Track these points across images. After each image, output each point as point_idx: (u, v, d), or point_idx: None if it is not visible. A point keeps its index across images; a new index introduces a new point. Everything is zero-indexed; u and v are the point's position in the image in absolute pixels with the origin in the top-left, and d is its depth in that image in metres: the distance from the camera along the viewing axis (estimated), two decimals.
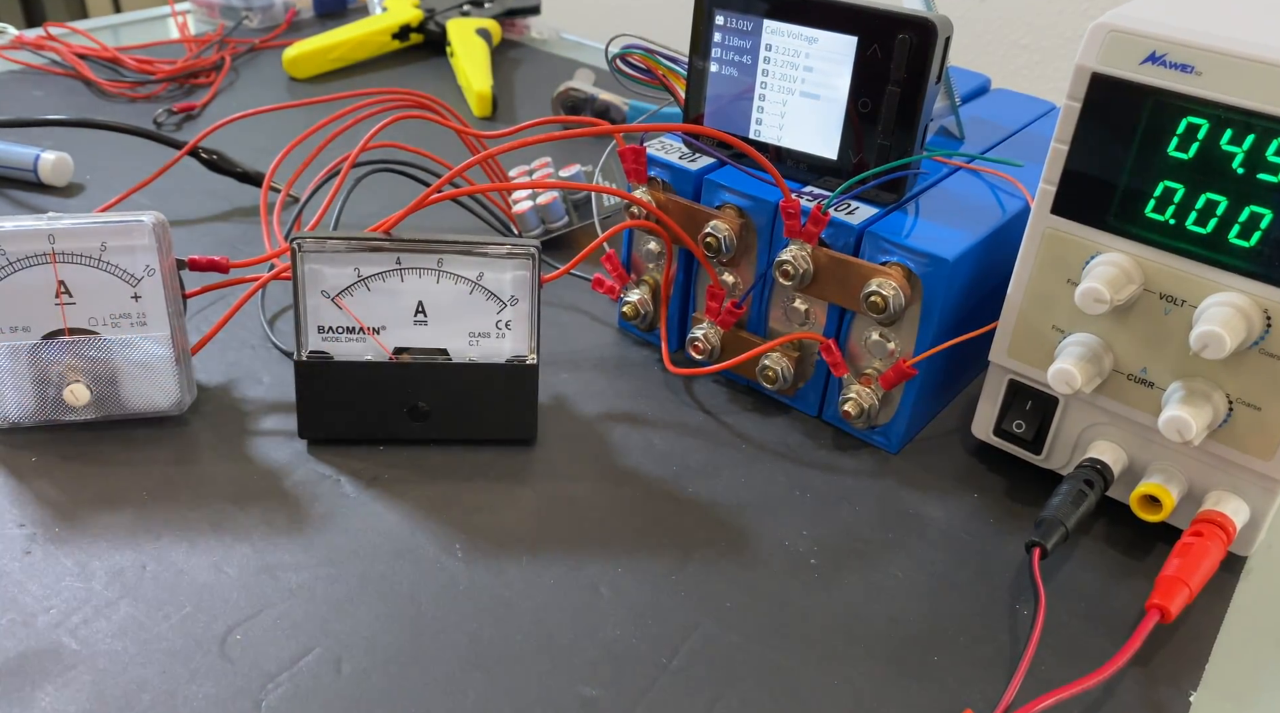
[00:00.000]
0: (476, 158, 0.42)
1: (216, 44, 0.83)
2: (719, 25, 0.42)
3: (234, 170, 0.60)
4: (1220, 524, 0.36)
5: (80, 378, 0.40)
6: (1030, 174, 0.43)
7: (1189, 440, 0.34)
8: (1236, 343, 0.32)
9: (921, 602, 0.36)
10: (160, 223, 0.39)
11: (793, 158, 0.43)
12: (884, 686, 0.33)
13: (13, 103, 0.72)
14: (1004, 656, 0.34)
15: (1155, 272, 0.35)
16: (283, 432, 0.42)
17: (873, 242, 0.40)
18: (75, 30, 0.83)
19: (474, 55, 0.79)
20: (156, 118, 0.70)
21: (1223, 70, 0.31)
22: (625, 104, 0.70)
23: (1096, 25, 0.33)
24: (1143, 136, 0.33)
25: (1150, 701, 0.33)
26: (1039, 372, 0.39)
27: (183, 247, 0.54)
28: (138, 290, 0.39)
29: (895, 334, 0.41)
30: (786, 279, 0.41)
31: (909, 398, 0.42)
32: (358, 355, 0.40)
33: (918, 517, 0.40)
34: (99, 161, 0.63)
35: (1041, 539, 0.36)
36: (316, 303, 0.39)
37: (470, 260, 0.39)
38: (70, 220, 0.38)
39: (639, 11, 1.27)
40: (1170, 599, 0.34)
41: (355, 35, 0.82)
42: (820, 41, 0.40)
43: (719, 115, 0.44)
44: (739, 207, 0.43)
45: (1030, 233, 0.37)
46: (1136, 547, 0.39)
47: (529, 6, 0.91)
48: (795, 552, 0.38)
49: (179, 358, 0.41)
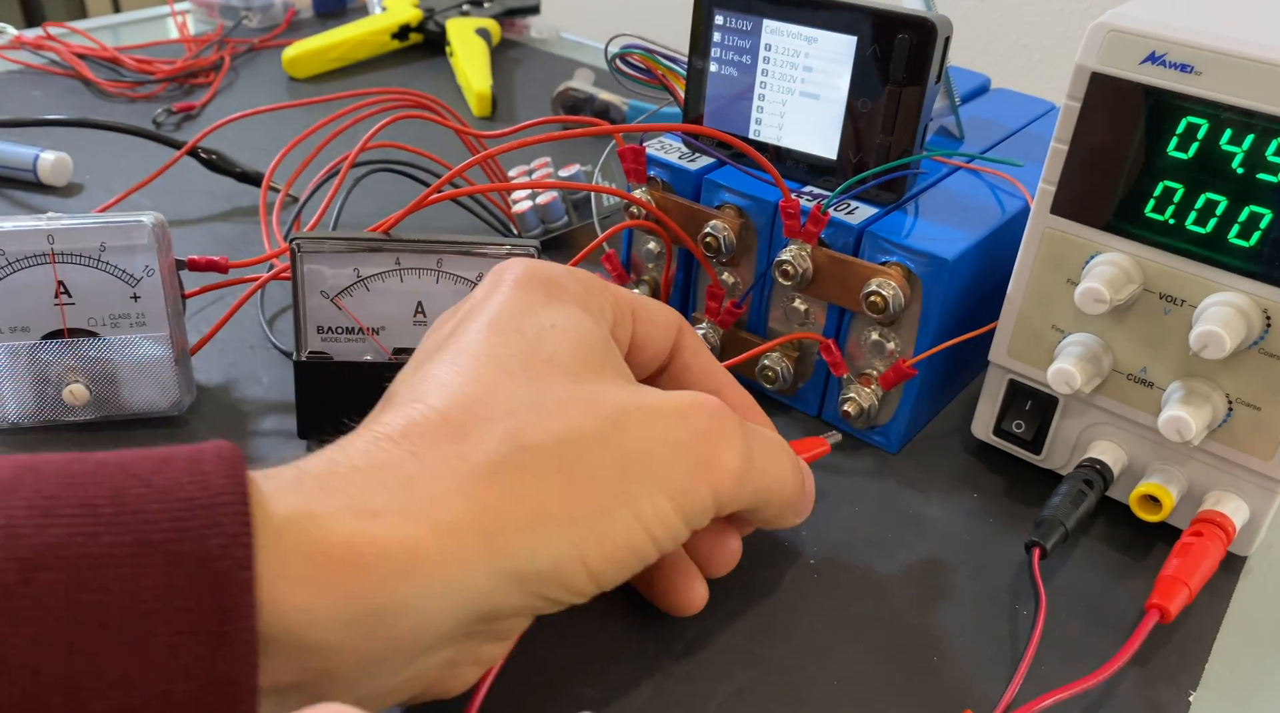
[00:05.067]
0: (476, 158, 0.42)
1: (216, 44, 0.83)
2: (719, 25, 0.42)
3: (233, 170, 0.60)
4: (1220, 524, 0.36)
5: (79, 378, 0.40)
6: (1030, 174, 0.43)
7: (1189, 440, 0.34)
8: (1236, 343, 0.32)
9: (921, 602, 0.36)
10: (160, 223, 0.39)
11: (792, 158, 0.43)
12: (884, 686, 0.33)
13: (12, 103, 0.72)
14: (1004, 656, 0.34)
15: (1155, 272, 0.35)
16: (282, 432, 0.42)
17: (872, 242, 0.40)
18: (74, 30, 0.83)
19: (473, 55, 0.79)
20: (156, 118, 0.69)
21: (1223, 70, 0.31)
22: (625, 104, 0.70)
23: (1096, 25, 0.33)
24: (1142, 136, 0.33)
25: (1150, 701, 0.33)
26: (1039, 372, 0.39)
27: (182, 247, 0.53)
28: (137, 291, 0.39)
29: (895, 334, 0.41)
30: (786, 279, 0.41)
31: (909, 398, 0.42)
32: (357, 356, 0.40)
33: (918, 517, 0.40)
34: (98, 161, 0.63)
35: (1041, 539, 0.36)
36: (316, 303, 0.39)
37: (470, 261, 0.39)
38: (69, 220, 0.38)
39: (639, 11, 1.27)
40: (1170, 599, 0.34)
41: (355, 35, 0.82)
42: (820, 41, 0.40)
43: (718, 115, 0.44)
44: (739, 206, 0.43)
45: (1030, 233, 0.37)
46: (1136, 547, 0.39)
47: (529, 6, 0.91)
48: (794, 552, 0.38)
49: (178, 358, 0.41)
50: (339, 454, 0.26)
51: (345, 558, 0.23)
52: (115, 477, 0.22)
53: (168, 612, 0.21)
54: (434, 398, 0.27)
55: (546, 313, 0.30)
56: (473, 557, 0.25)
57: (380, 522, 0.24)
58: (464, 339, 0.29)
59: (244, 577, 0.22)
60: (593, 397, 0.28)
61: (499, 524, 0.25)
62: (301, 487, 0.24)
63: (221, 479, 0.23)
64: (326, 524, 0.24)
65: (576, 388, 0.28)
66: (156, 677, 0.21)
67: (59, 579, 0.21)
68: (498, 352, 0.28)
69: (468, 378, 0.27)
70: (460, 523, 0.25)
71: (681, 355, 0.34)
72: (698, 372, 0.34)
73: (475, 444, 0.26)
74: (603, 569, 0.27)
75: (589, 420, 0.27)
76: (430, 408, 0.27)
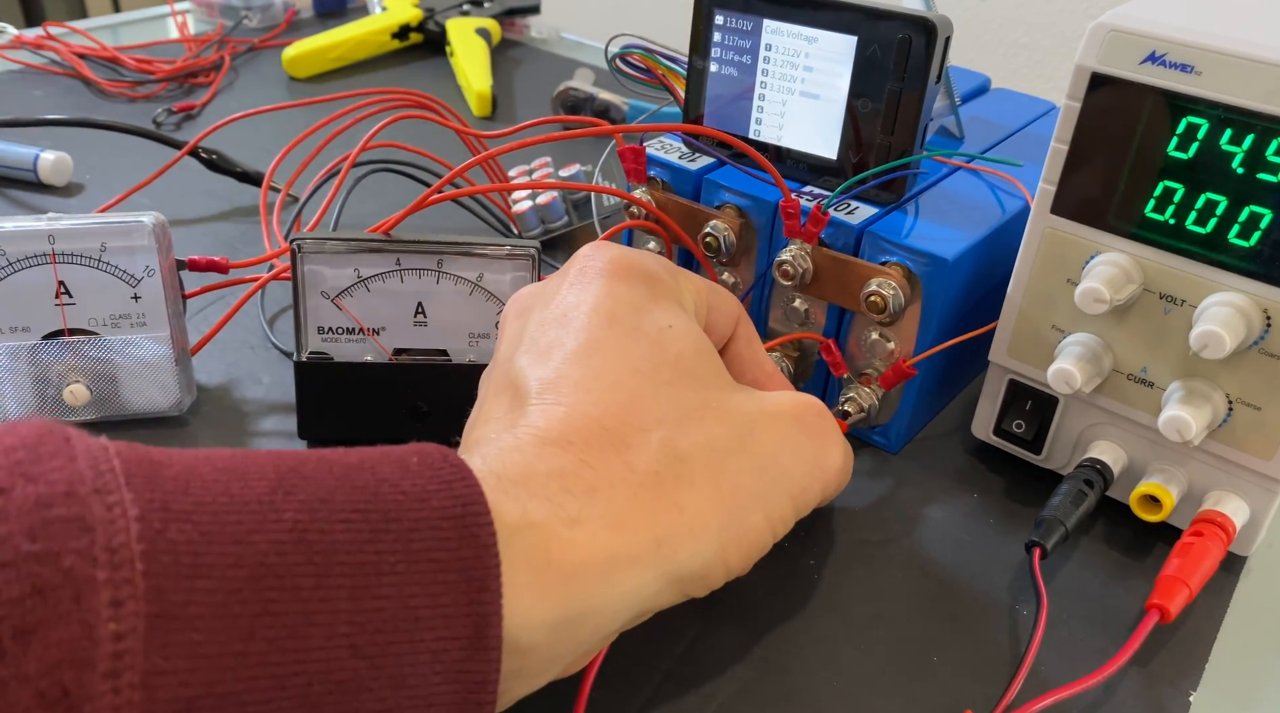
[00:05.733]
0: (476, 158, 0.42)
1: (216, 44, 0.83)
2: (719, 25, 0.42)
3: (234, 170, 0.60)
4: (1220, 524, 0.36)
5: (80, 378, 0.40)
6: (1030, 174, 0.43)
7: (1189, 440, 0.34)
8: (1236, 343, 0.32)
9: (921, 602, 0.36)
10: (160, 223, 0.39)
11: (792, 158, 0.43)
12: (884, 685, 0.33)
13: (12, 103, 0.72)
14: (1004, 656, 0.34)
15: (1155, 271, 0.35)
16: (282, 432, 0.42)
17: (872, 241, 0.40)
18: (75, 30, 0.83)
19: (474, 55, 0.79)
20: (156, 118, 0.70)
21: (1223, 70, 0.31)
22: (625, 104, 0.70)
23: (1096, 25, 0.33)
24: (1142, 136, 0.33)
25: (1150, 701, 0.33)
26: (1039, 372, 0.39)
27: (182, 247, 0.54)
28: (137, 291, 0.39)
29: (895, 334, 0.41)
30: (786, 279, 0.41)
31: (909, 398, 0.42)
32: (357, 356, 0.40)
33: (918, 517, 0.40)
34: (99, 161, 0.63)
35: (1041, 539, 0.36)
36: (316, 304, 0.39)
37: (470, 261, 0.39)
38: (70, 221, 0.38)
39: (639, 11, 1.27)
40: (1170, 599, 0.34)
41: (355, 35, 0.82)
42: (820, 41, 0.40)
43: (719, 115, 0.44)
44: (739, 206, 0.43)
45: (1030, 233, 0.37)
46: (1136, 547, 0.39)
47: (529, 6, 0.91)
48: (794, 552, 0.38)
49: (179, 358, 0.41)
50: (517, 456, 0.26)
51: (560, 566, 0.25)
52: (369, 483, 0.23)
53: (433, 618, 0.22)
54: (579, 402, 0.28)
55: (658, 311, 0.31)
56: (649, 563, 0.26)
57: (582, 530, 0.25)
58: (584, 334, 0.30)
59: (496, 586, 0.23)
60: (721, 404, 0.30)
61: (667, 532, 0.27)
62: (512, 494, 0.25)
63: (462, 488, 0.24)
64: (544, 532, 0.25)
65: (706, 395, 0.30)
66: (423, 681, 0.22)
67: (346, 583, 0.22)
68: (627, 354, 0.29)
69: (608, 383, 0.28)
70: (640, 532, 0.26)
71: (737, 343, 0.36)
72: (749, 360, 0.36)
73: (638, 454, 0.27)
74: (737, 566, 0.29)
75: (726, 429, 0.29)
76: (584, 416, 0.28)
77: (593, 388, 0.28)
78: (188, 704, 0.20)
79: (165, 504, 0.21)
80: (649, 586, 0.27)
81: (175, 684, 0.19)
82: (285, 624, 0.21)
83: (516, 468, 0.26)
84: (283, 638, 0.21)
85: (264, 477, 0.22)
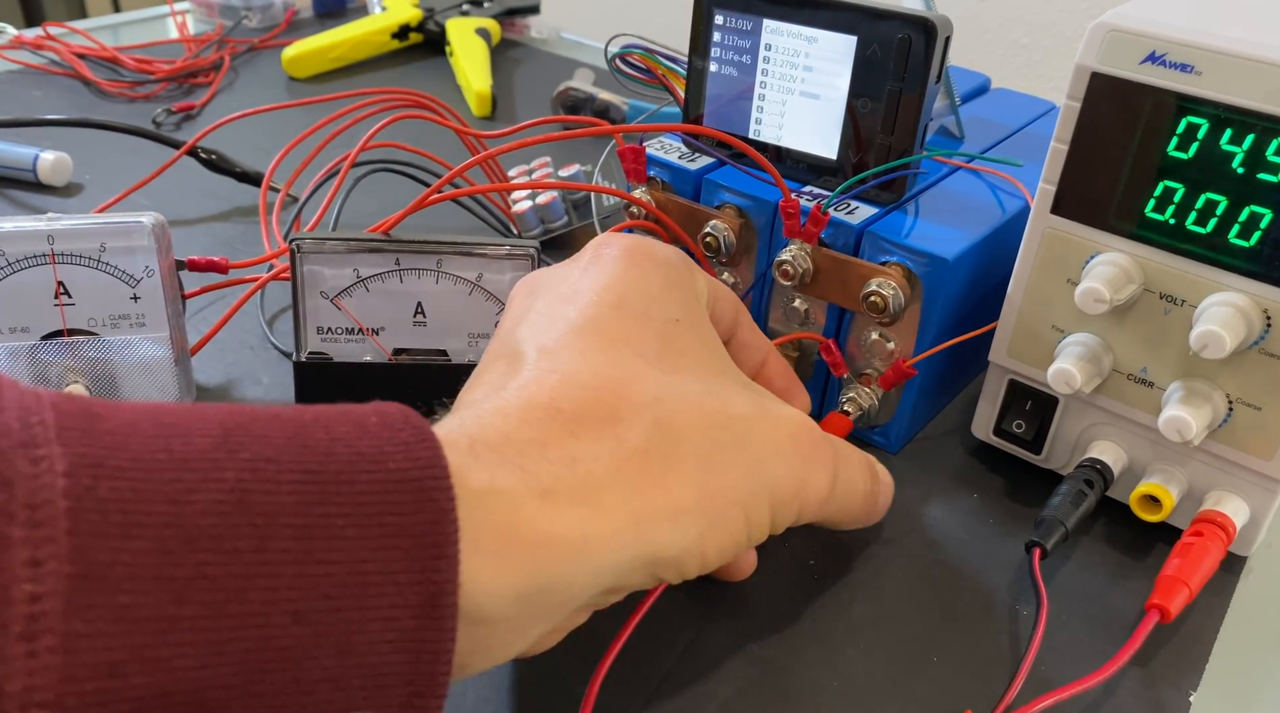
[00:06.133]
0: (476, 158, 0.42)
1: (216, 44, 0.83)
2: (718, 25, 0.42)
3: (233, 170, 0.60)
4: (1220, 524, 0.36)
5: (79, 379, 0.40)
6: (1030, 174, 0.43)
7: (1189, 440, 0.34)
8: (1236, 343, 0.32)
9: (921, 602, 0.36)
10: (159, 223, 0.39)
11: (792, 158, 0.43)
12: (884, 686, 0.33)
13: (12, 103, 0.72)
14: (1004, 656, 0.34)
15: (1155, 272, 0.35)
16: None
17: (872, 241, 0.40)
18: (74, 30, 0.83)
19: (473, 55, 0.79)
20: (155, 118, 0.69)
21: (1223, 70, 0.31)
22: (625, 104, 0.70)
23: (1096, 25, 0.33)
24: (1143, 136, 0.33)
25: (1150, 701, 0.33)
26: (1039, 372, 0.39)
27: (182, 247, 0.54)
28: (137, 291, 0.39)
29: (895, 334, 0.41)
30: (786, 279, 0.41)
31: (909, 398, 0.42)
32: (357, 356, 0.40)
33: (918, 517, 0.40)
34: (98, 161, 0.63)
35: (1041, 539, 0.36)
36: (316, 304, 0.39)
37: (469, 261, 0.39)
38: (69, 221, 0.38)
39: (639, 11, 1.27)
40: (1170, 599, 0.34)
41: (355, 35, 0.82)
42: (820, 41, 0.40)
43: (718, 115, 0.44)
44: (738, 206, 0.43)
45: (1030, 233, 0.37)
46: (1136, 547, 0.39)
47: (529, 6, 0.91)
48: (794, 552, 0.38)
49: (178, 359, 0.41)
50: (498, 420, 0.26)
51: (528, 536, 0.24)
52: (321, 442, 0.22)
53: (384, 584, 0.21)
54: (577, 371, 0.27)
55: (669, 301, 0.31)
56: (624, 540, 0.26)
57: (554, 501, 0.25)
58: (591, 311, 0.29)
59: (453, 552, 0.22)
60: (723, 399, 0.29)
61: (647, 511, 0.26)
62: (482, 459, 0.24)
63: (422, 450, 0.23)
64: (511, 501, 0.24)
65: (708, 386, 0.30)
66: (371, 649, 0.21)
67: (290, 547, 0.21)
68: (632, 337, 0.29)
69: (608, 360, 0.28)
70: (618, 507, 0.26)
71: (739, 332, 0.36)
72: (750, 346, 0.36)
73: (629, 427, 0.27)
74: (712, 559, 0.28)
75: (724, 422, 0.29)
76: (579, 384, 0.27)
77: (593, 361, 0.28)
78: (112, 669, 0.19)
79: (98, 460, 0.20)
80: (622, 564, 0.26)
81: (99, 648, 0.19)
82: (222, 588, 0.20)
83: (494, 432, 0.25)
84: (219, 602, 0.20)
85: (208, 433, 0.21)
